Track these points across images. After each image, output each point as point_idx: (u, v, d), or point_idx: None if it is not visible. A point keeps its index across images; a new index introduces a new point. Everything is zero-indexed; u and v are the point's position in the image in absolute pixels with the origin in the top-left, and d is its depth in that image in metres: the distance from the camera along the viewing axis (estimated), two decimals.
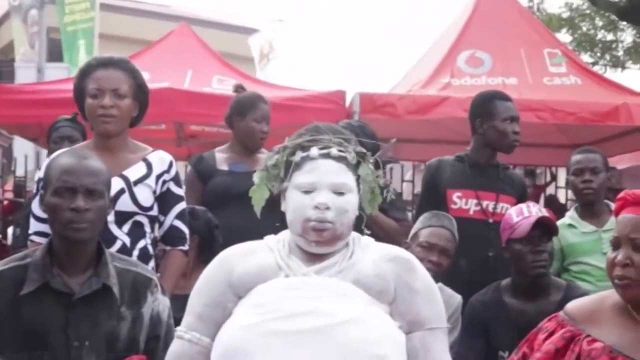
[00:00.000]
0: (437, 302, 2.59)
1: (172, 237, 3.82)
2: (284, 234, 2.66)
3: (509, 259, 4.02)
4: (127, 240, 3.63)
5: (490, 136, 4.80)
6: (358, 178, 2.61)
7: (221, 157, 5.07)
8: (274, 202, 2.71)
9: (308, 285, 2.49)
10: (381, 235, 2.86)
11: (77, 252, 2.89)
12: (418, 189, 6.33)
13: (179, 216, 3.82)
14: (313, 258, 2.58)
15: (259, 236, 2.77)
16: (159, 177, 3.76)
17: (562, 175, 8.98)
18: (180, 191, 3.85)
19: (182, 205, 3.85)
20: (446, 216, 4.49)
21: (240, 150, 5.08)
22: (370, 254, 2.59)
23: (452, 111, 7.13)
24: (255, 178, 2.69)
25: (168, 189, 3.79)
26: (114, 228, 3.60)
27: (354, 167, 2.61)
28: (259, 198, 2.68)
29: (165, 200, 3.79)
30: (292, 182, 2.58)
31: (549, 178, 10.47)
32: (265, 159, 2.76)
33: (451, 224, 4.41)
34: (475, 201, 4.76)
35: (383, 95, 7.61)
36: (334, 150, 2.57)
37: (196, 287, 2.63)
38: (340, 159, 2.58)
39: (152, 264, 3.71)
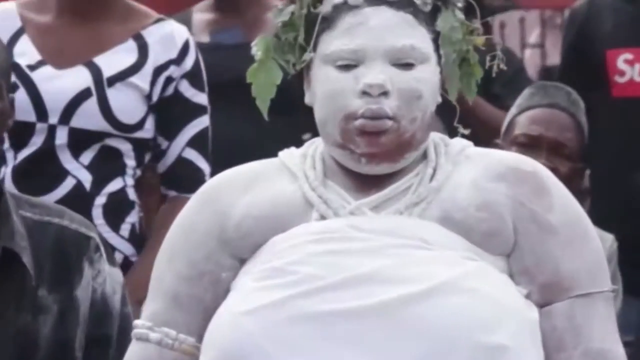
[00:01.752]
0: (591, 246, 2.09)
1: (179, 176, 3.16)
2: (314, 146, 2.14)
3: None
4: (87, 178, 3.06)
5: None
6: (437, 36, 2.06)
7: (200, 21, 4.00)
8: (293, 96, 2.22)
9: (362, 232, 2.03)
10: (486, 139, 2.38)
11: None
12: (552, 58, 5.16)
13: (195, 142, 3.11)
14: (366, 183, 2.07)
15: (268, 155, 2.33)
16: (159, 70, 3.09)
17: None
18: (201, 98, 3.14)
19: (203, 123, 3.14)
20: (560, 88, 3.51)
21: (228, 6, 4.01)
22: (469, 169, 2.09)
23: None
24: (257, 49, 2.12)
25: (176, 93, 3.09)
26: (65, 156, 3.05)
27: (429, 18, 2.07)
28: (265, 85, 2.12)
29: (169, 112, 3.11)
30: (321, 51, 2.05)
31: None
32: (271, 17, 2.28)
33: (569, 101, 3.41)
34: None
35: None
36: None
37: (164, 246, 2.16)
38: (401, 4, 2.05)
39: (134, 217, 3.15)
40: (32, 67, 3.07)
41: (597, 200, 3.49)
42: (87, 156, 3.09)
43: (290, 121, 2.62)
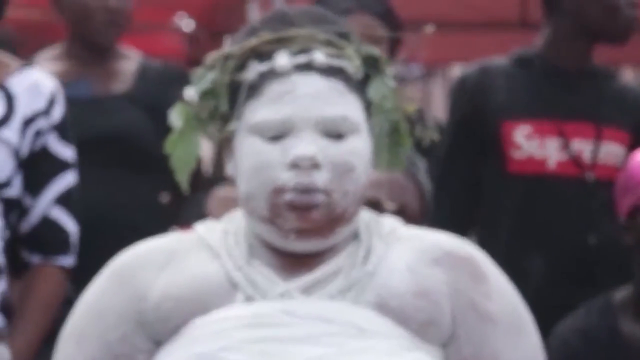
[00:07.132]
0: (530, 336, 1.99)
1: (44, 238, 2.84)
2: (235, 221, 1.98)
3: (629, 247, 2.91)
4: None
5: (585, 12, 3.20)
6: (368, 105, 1.95)
7: (49, 71, 3.56)
8: (150, 154, 2.38)
9: (295, 317, 1.91)
10: None
11: None
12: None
13: (61, 200, 2.80)
14: (294, 263, 1.94)
15: (126, 216, 2.69)
16: (29, 122, 2.79)
17: None
18: (67, 152, 2.84)
19: (68, 180, 2.85)
20: None
21: (81, 54, 3.58)
22: (402, 252, 1.96)
23: None
24: (176, 117, 1.95)
25: (44, 148, 2.80)
26: None
27: (360, 86, 1.95)
28: (185, 157, 1.97)
29: (36, 168, 2.81)
30: (246, 120, 1.92)
31: None
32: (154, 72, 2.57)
33: (407, 161, 2.88)
34: (558, 141, 3.16)
35: None
36: (318, 56, 1.90)
37: (71, 328, 1.97)
38: (332, 72, 1.91)
39: (2, 285, 2.79)
40: None
41: None
42: None
43: (147, 180, 2.65)
